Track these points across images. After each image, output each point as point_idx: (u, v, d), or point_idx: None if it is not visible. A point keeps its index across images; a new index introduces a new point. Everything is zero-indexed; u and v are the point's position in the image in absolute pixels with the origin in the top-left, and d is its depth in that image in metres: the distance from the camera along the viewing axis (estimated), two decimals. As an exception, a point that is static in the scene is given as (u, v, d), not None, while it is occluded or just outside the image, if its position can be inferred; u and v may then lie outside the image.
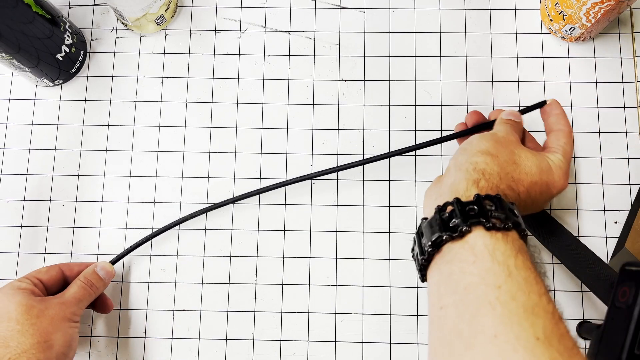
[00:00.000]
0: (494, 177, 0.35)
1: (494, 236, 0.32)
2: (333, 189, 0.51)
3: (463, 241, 0.32)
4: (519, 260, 0.30)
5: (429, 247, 0.33)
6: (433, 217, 0.34)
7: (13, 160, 0.52)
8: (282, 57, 0.54)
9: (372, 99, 0.52)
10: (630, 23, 0.53)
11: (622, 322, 0.31)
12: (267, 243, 0.50)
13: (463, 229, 0.32)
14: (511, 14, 0.54)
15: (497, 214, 0.32)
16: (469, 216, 0.32)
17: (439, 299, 0.32)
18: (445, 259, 0.33)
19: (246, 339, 0.48)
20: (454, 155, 0.40)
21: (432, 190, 0.39)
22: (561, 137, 0.42)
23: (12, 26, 0.44)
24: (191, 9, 0.55)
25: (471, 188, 0.34)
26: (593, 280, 0.40)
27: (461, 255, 0.32)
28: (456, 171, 0.37)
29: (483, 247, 0.31)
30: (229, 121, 0.52)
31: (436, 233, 0.33)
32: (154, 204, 0.51)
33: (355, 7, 0.54)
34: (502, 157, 0.37)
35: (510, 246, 0.31)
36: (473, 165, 0.36)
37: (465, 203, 0.33)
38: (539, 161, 0.38)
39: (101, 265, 0.46)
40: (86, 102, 0.53)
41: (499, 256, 0.30)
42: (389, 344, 0.48)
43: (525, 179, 0.37)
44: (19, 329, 0.39)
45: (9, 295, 0.41)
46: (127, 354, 0.48)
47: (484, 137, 0.39)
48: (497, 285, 0.29)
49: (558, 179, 0.39)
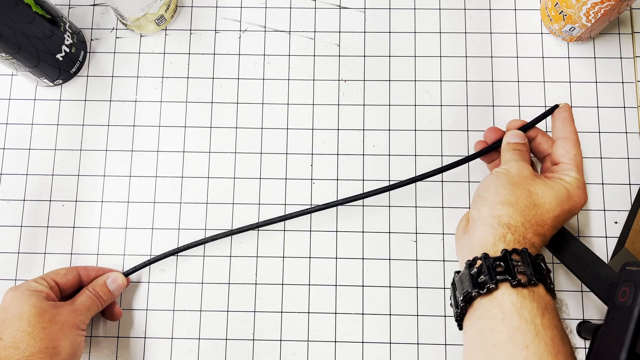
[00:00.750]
0: (520, 228, 0.36)
1: (520, 293, 0.33)
2: (333, 190, 0.51)
3: (492, 297, 0.34)
4: (545, 319, 0.32)
5: (461, 302, 0.35)
6: (464, 272, 0.36)
7: (13, 160, 0.52)
8: (282, 57, 0.54)
9: (372, 99, 0.52)
10: (630, 23, 0.53)
11: (622, 322, 0.31)
12: (267, 243, 0.50)
13: (490, 286, 0.33)
14: (511, 14, 0.54)
15: (523, 269, 0.34)
16: (496, 273, 0.34)
17: (471, 354, 0.33)
18: (477, 315, 0.34)
19: (246, 339, 0.48)
20: (473, 203, 0.41)
21: (462, 242, 0.40)
22: (570, 147, 0.41)
23: (12, 26, 0.44)
24: (191, 9, 0.55)
25: (498, 243, 0.36)
26: (593, 280, 0.40)
27: (490, 312, 0.33)
28: (482, 226, 0.38)
29: (511, 305, 0.32)
30: (229, 121, 0.52)
31: (466, 289, 0.35)
32: (154, 204, 0.51)
33: (355, 7, 0.54)
34: (521, 202, 0.38)
35: (537, 304, 0.32)
36: (497, 220, 0.37)
37: (493, 259, 0.35)
38: (557, 192, 0.39)
39: (113, 277, 0.46)
40: (86, 102, 0.53)
41: (526, 315, 0.32)
42: (389, 344, 0.48)
43: (548, 216, 0.38)
44: (30, 331, 0.39)
45: (25, 296, 0.41)
46: (127, 354, 0.48)
47: (500, 182, 0.39)
48: (525, 345, 0.31)
49: (578, 200, 0.39)
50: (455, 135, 0.51)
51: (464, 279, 0.36)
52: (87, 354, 0.48)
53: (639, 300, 0.31)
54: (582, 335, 0.47)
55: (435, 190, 0.51)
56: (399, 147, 0.51)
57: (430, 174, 0.46)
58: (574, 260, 0.42)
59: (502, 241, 0.36)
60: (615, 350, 0.30)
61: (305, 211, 0.48)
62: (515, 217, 0.37)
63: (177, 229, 0.50)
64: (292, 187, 0.51)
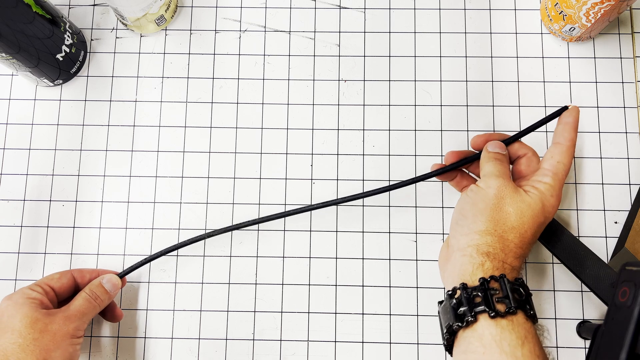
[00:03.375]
0: (499, 255, 0.36)
1: (499, 324, 0.33)
2: (333, 189, 0.51)
3: (473, 329, 0.34)
4: (525, 349, 0.32)
5: (445, 334, 0.35)
6: (445, 303, 0.36)
7: (13, 160, 0.52)
8: (282, 57, 0.54)
9: (372, 99, 0.52)
10: (630, 23, 0.53)
11: (622, 322, 0.31)
12: (267, 243, 0.50)
13: (469, 319, 0.34)
14: (511, 14, 0.54)
15: (500, 297, 0.34)
16: (475, 304, 0.34)
17: None
18: (461, 349, 0.34)
19: (246, 339, 0.48)
20: (451, 230, 0.40)
21: (444, 272, 0.39)
22: (556, 153, 0.40)
23: (12, 26, 0.44)
24: (191, 9, 0.55)
25: (477, 272, 0.35)
26: (593, 280, 0.40)
27: (473, 345, 0.33)
28: (461, 256, 0.37)
29: (490, 338, 0.32)
30: (229, 121, 0.52)
31: (448, 322, 0.35)
32: (154, 204, 0.51)
33: (355, 7, 0.54)
34: (499, 228, 0.37)
35: (516, 334, 0.32)
36: (476, 249, 0.37)
37: (471, 289, 0.34)
38: (533, 209, 0.37)
39: (107, 278, 0.46)
40: (86, 102, 0.53)
41: (506, 347, 0.32)
42: (389, 344, 0.48)
43: (527, 236, 0.37)
44: (21, 343, 0.39)
45: (17, 305, 0.41)
46: (127, 354, 0.48)
47: (477, 208, 0.38)
48: None
49: (552, 209, 0.39)
50: (455, 135, 0.51)
51: (446, 310, 0.36)
52: (87, 354, 0.48)
53: (639, 300, 0.31)
54: (582, 335, 0.47)
55: (435, 190, 0.51)
56: (399, 147, 0.51)
57: (428, 175, 0.44)
58: (574, 260, 0.42)
59: (480, 270, 0.35)
60: (615, 350, 0.30)
61: (306, 208, 0.46)
62: (494, 244, 0.36)
63: (177, 229, 0.50)
64: (292, 187, 0.51)
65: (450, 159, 0.44)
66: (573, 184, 0.50)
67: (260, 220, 0.47)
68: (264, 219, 0.47)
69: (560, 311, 0.48)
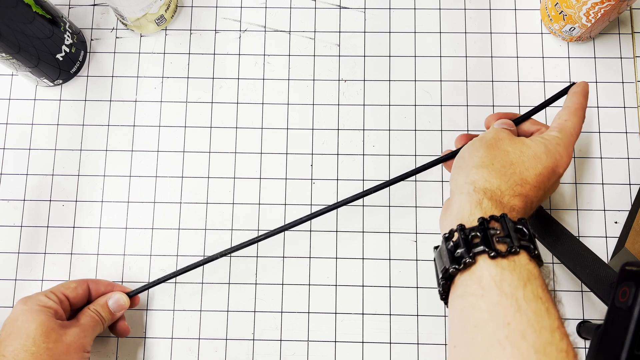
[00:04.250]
0: (496, 192, 0.34)
1: (499, 265, 0.30)
2: (333, 189, 0.51)
3: (471, 272, 0.31)
4: (527, 291, 0.29)
5: (441, 280, 0.33)
6: (441, 247, 0.33)
7: (13, 160, 0.52)
8: (282, 57, 0.54)
9: (372, 99, 0.52)
10: (630, 23, 0.53)
11: (622, 322, 0.31)
12: (267, 243, 0.50)
13: (467, 260, 0.31)
14: (511, 14, 0.54)
15: (502, 237, 0.31)
16: (473, 245, 0.31)
17: (452, 337, 0.31)
18: (458, 293, 0.32)
19: (246, 339, 0.48)
20: (451, 175, 0.38)
21: (443, 218, 0.36)
22: (563, 114, 0.39)
23: (12, 26, 0.44)
24: (191, 9, 0.55)
25: (475, 211, 0.33)
26: (593, 280, 0.40)
27: (470, 288, 0.31)
28: (459, 195, 0.35)
29: (490, 279, 0.30)
30: (229, 121, 0.52)
31: (444, 265, 0.32)
32: (154, 204, 0.51)
33: (355, 7, 0.54)
34: (497, 162, 0.35)
35: (517, 275, 0.30)
36: (472, 186, 0.35)
37: (469, 229, 0.32)
38: (534, 149, 0.36)
39: (115, 298, 0.45)
40: (86, 102, 0.53)
41: (507, 288, 0.29)
42: (389, 344, 0.48)
43: (528, 174, 0.35)
44: (34, 352, 0.38)
45: (33, 312, 0.40)
46: (127, 354, 0.48)
47: (474, 147, 0.38)
48: (506, 322, 0.28)
49: (560, 157, 0.37)
50: (455, 135, 0.51)
51: (442, 254, 0.33)
52: (87, 354, 0.49)
53: (639, 300, 0.31)
54: (582, 335, 0.47)
55: (435, 190, 0.51)
56: (399, 147, 0.51)
57: (420, 169, 0.44)
58: (574, 260, 0.42)
59: (478, 209, 0.33)
60: (615, 350, 0.31)
61: (306, 218, 0.45)
62: (491, 179, 0.34)
63: (177, 229, 0.50)
64: (292, 187, 0.51)
65: (460, 142, 0.43)
66: (573, 184, 0.50)
67: (263, 237, 0.45)
68: (262, 237, 0.45)
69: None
